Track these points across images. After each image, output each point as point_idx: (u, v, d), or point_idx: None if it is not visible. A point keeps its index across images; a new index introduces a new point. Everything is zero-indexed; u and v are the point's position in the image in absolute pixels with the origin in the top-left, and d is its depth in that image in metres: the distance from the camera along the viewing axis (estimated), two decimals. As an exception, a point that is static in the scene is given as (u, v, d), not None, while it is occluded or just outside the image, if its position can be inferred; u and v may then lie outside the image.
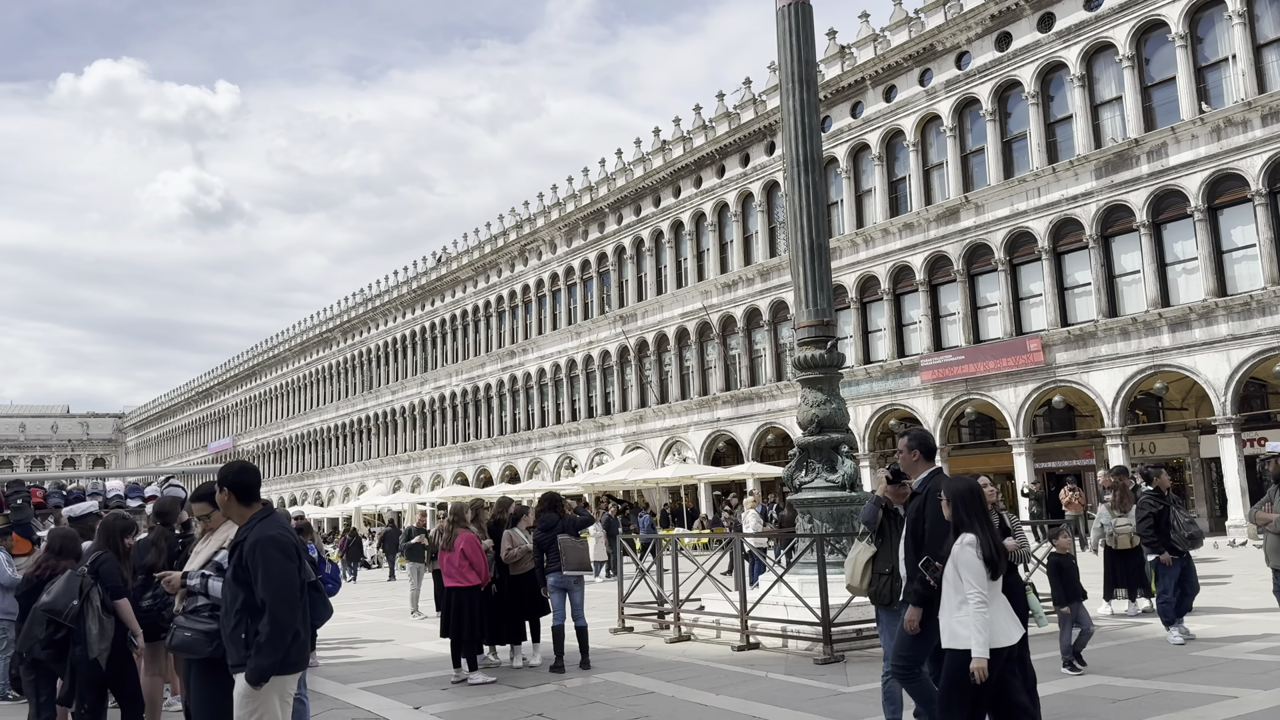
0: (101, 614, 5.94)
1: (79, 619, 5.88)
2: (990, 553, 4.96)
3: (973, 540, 4.99)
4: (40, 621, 6.09)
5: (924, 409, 30.45)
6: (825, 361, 11.94)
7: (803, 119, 12.35)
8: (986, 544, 4.97)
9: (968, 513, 5.07)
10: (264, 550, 4.48)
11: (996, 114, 28.97)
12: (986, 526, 5.07)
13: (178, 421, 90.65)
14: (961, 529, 5.06)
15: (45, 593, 6.19)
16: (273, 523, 4.66)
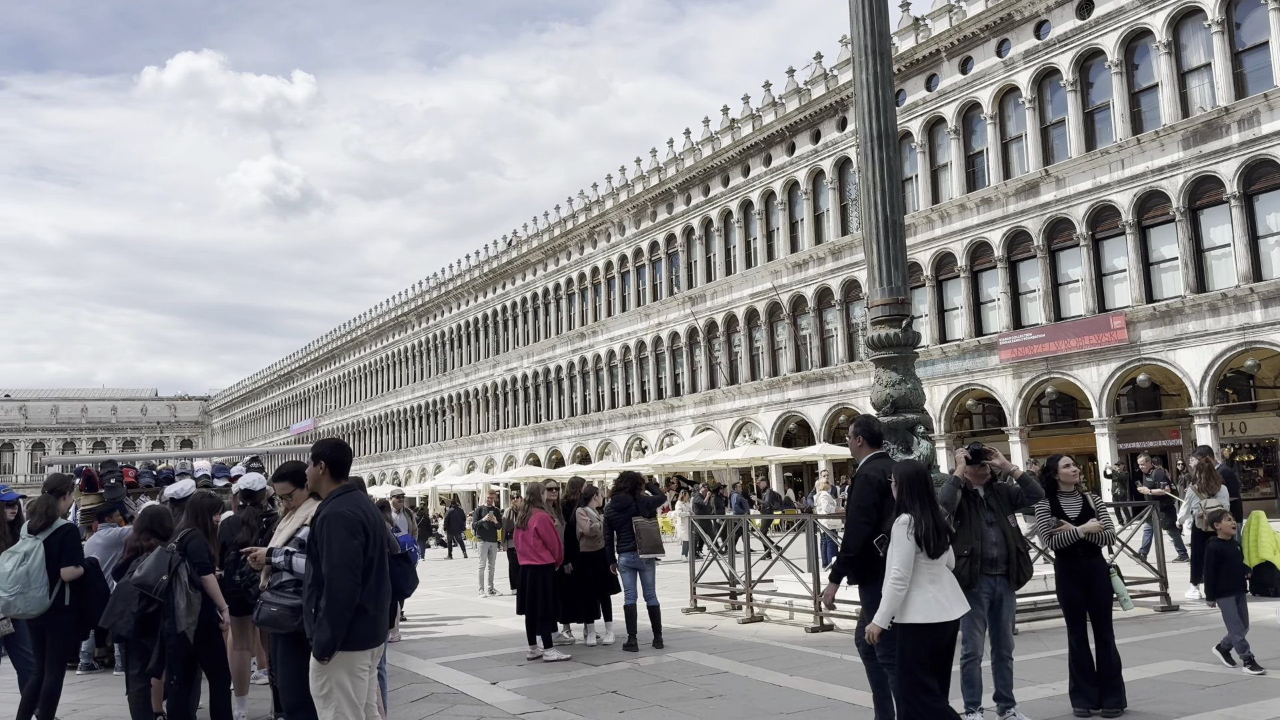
0: (189, 589, 6.13)
1: (168, 593, 6.09)
2: (925, 532, 5.21)
3: (906, 520, 5.26)
4: (131, 596, 6.31)
5: (1002, 389, 29.80)
6: (900, 341, 11.72)
7: (876, 93, 12.09)
8: (921, 524, 5.22)
9: (909, 495, 5.33)
10: (330, 526, 4.58)
11: (1078, 84, 28.04)
12: (927, 508, 5.29)
13: (261, 404, 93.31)
14: (902, 509, 5.32)
15: (137, 568, 6.42)
16: (346, 500, 4.73)
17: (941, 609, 5.24)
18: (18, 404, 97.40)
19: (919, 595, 5.24)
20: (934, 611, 5.22)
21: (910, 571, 5.24)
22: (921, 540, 5.24)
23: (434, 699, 7.98)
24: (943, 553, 5.31)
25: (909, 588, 5.23)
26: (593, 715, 7.24)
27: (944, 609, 5.25)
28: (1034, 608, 9.98)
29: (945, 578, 5.33)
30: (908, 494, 5.38)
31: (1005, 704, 6.37)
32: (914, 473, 5.47)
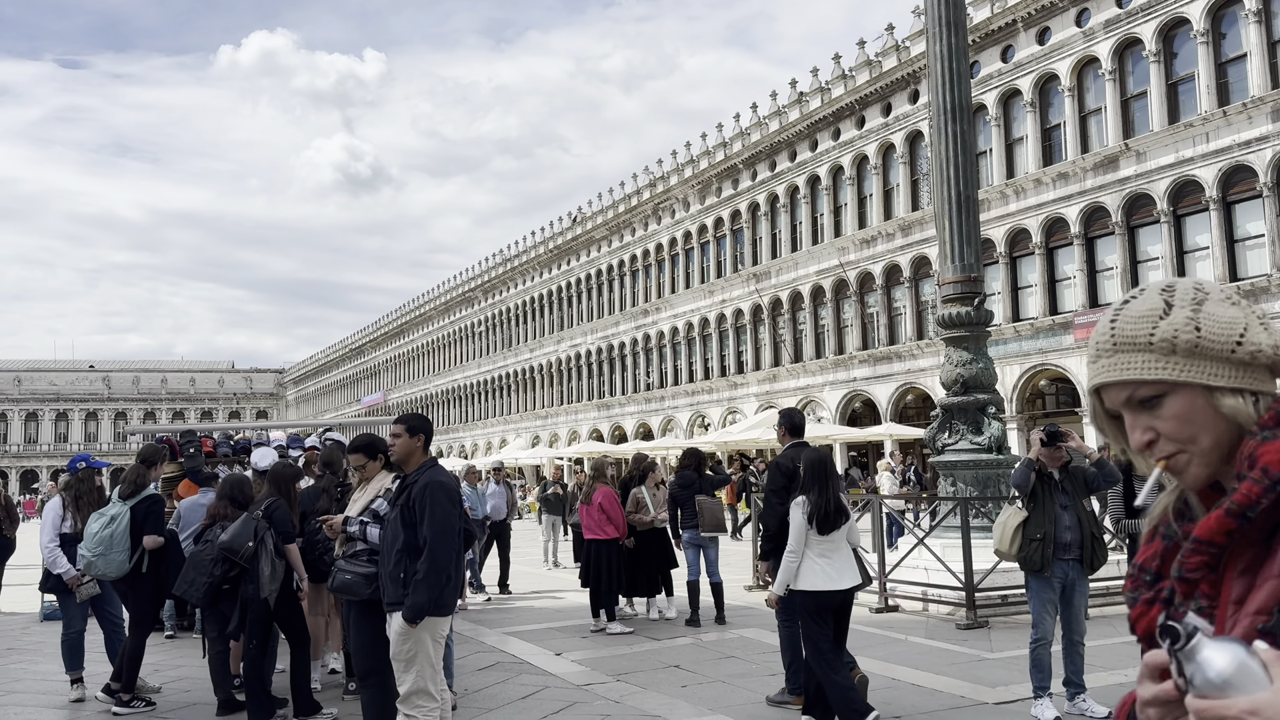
0: (274, 556, 6.31)
1: (253, 560, 6.27)
2: (820, 512, 5.84)
3: (801, 500, 5.91)
4: (204, 565, 6.50)
5: (1077, 369, 29.07)
6: (972, 319, 11.50)
7: (950, 64, 11.81)
8: (818, 504, 5.86)
9: (811, 478, 5.96)
10: (433, 493, 4.72)
11: (1161, 54, 27.02)
12: (825, 490, 5.91)
13: (333, 377, 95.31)
14: (802, 491, 5.95)
15: (222, 533, 6.62)
16: (440, 470, 4.94)
17: (830, 579, 5.85)
18: (101, 375, 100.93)
19: (810, 566, 5.86)
20: (822, 581, 5.84)
21: (802, 546, 5.87)
22: (812, 519, 5.84)
23: (500, 668, 8.11)
24: (833, 530, 5.88)
25: (803, 560, 5.86)
26: (655, 689, 7.28)
27: (832, 579, 5.86)
28: (1106, 592, 9.76)
29: (840, 552, 5.95)
30: (808, 477, 5.99)
31: (1075, 689, 6.27)
32: (815, 459, 6.09)
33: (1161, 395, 1.22)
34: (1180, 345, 1.20)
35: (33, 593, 11.39)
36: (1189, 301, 1.23)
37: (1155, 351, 1.21)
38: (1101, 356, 1.26)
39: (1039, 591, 6.28)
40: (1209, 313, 1.21)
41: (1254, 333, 1.21)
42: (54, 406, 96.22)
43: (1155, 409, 1.23)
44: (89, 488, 7.82)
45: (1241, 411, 1.20)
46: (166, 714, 6.85)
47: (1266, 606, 1.11)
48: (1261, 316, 1.25)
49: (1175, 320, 1.21)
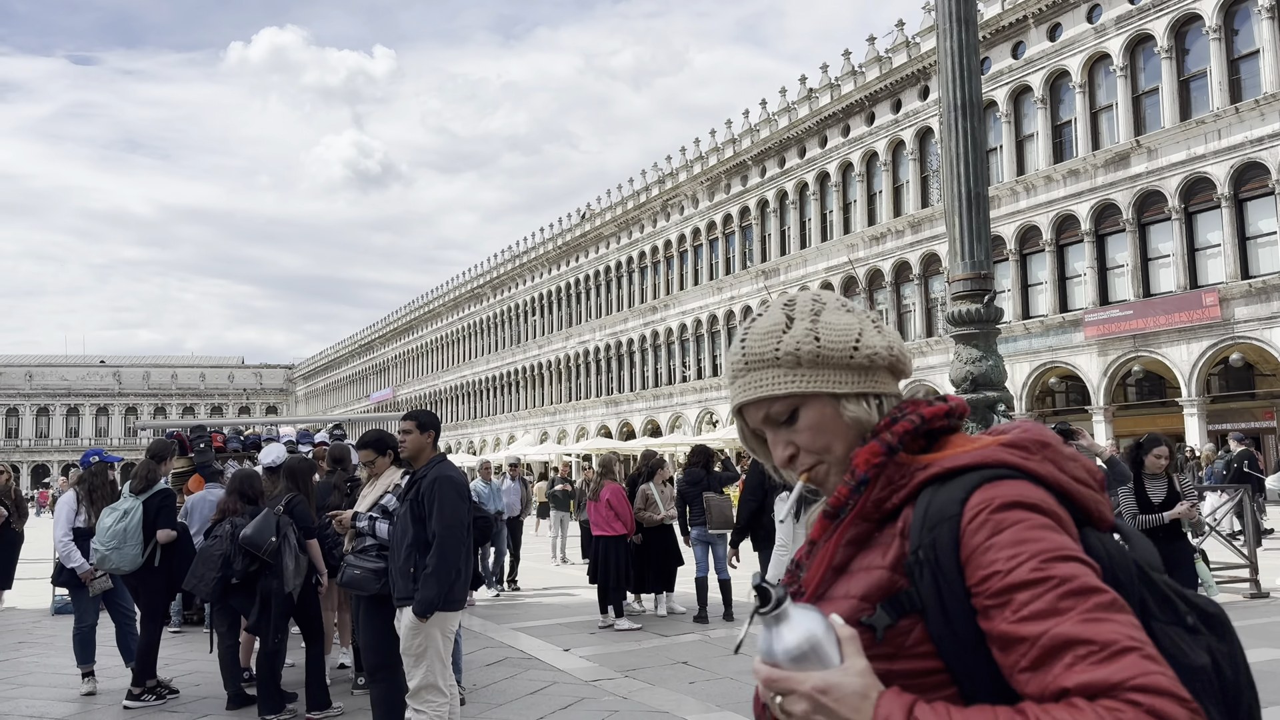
0: (297, 551, 6.34)
1: (276, 555, 6.29)
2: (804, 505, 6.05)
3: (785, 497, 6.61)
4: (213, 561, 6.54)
5: (1087, 366, 28.98)
6: (982, 316, 11.39)
7: (961, 60, 11.73)
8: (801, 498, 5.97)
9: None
10: (441, 487, 4.74)
11: (1173, 51, 26.89)
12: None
13: (342, 373, 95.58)
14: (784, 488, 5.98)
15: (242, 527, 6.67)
16: (449, 465, 4.95)
17: None
18: (112, 370, 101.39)
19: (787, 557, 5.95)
20: None
21: (791, 539, 6.04)
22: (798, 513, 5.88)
23: (508, 663, 8.13)
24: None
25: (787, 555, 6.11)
26: (664, 685, 7.29)
27: None
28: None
29: None
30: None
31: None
32: None
33: (796, 409, 1.24)
34: (804, 356, 1.23)
35: (44, 586, 11.47)
36: (808, 313, 1.25)
37: (783, 365, 1.23)
38: (737, 377, 1.28)
39: None
40: (826, 322, 1.24)
41: (868, 336, 1.25)
42: (65, 401, 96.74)
43: (792, 423, 1.25)
44: (102, 482, 7.89)
45: (862, 417, 1.24)
46: (177, 708, 6.88)
47: (871, 595, 1.13)
48: (875, 320, 1.28)
49: (796, 332, 1.23)
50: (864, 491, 1.19)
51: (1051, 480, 1.14)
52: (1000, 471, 1.13)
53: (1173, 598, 1.14)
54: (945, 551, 1.09)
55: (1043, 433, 1.20)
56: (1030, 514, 1.08)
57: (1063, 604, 0.99)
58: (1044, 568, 1.02)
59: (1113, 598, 1.01)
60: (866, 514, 1.19)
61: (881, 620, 1.11)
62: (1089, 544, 1.12)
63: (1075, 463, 1.20)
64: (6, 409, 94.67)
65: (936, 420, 1.23)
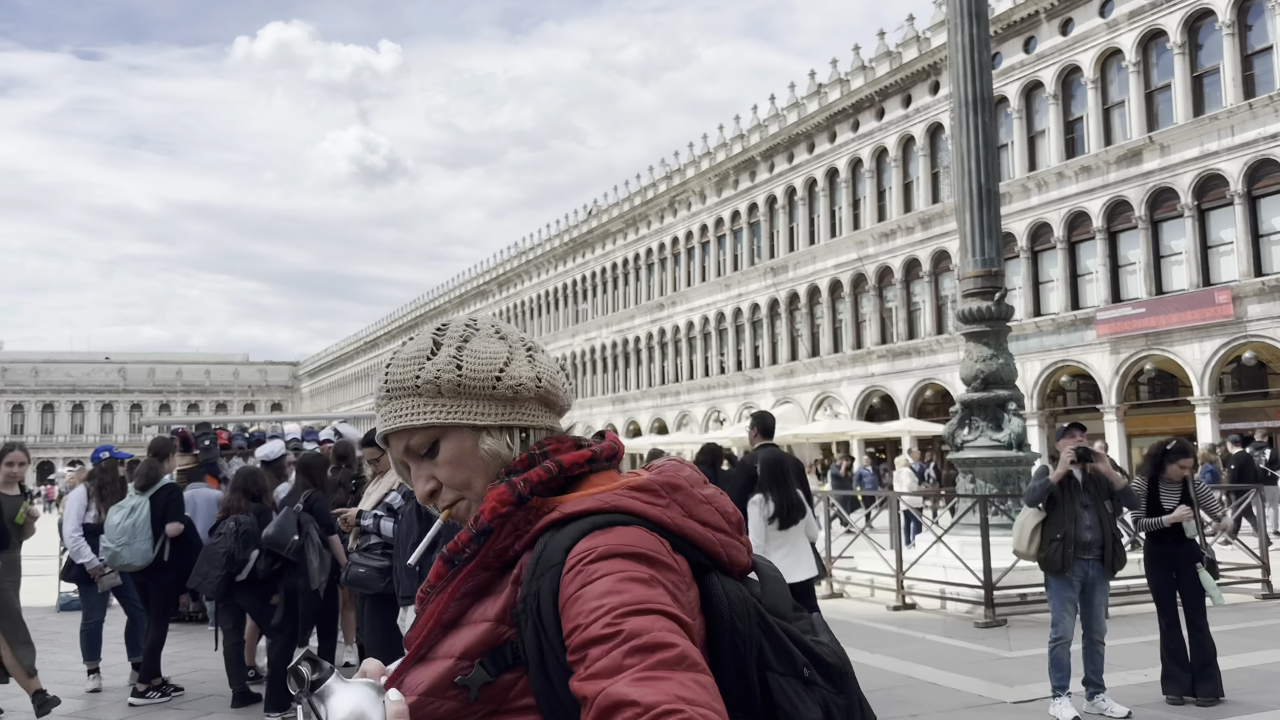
0: (320, 548, 6.29)
1: (300, 553, 6.23)
2: (777, 509, 6.32)
3: (758, 499, 6.37)
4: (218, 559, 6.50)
5: (1099, 365, 28.81)
6: (992, 314, 11.38)
7: (972, 55, 11.67)
8: (775, 502, 6.33)
9: (767, 479, 6.40)
10: None
11: (1186, 46, 26.68)
12: (780, 489, 6.34)
13: (348, 369, 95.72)
14: (759, 490, 6.40)
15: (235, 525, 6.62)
16: None
17: (785, 571, 6.36)
18: (117, 366, 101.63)
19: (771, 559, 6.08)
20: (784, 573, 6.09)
21: (762, 540, 6.29)
22: (772, 517, 6.31)
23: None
24: (791, 525, 6.37)
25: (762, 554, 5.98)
26: (670, 685, 7.22)
27: (787, 571, 6.15)
28: (1127, 591, 9.64)
29: (799, 546, 6.45)
30: (765, 477, 6.43)
31: (1095, 689, 6.18)
32: (772, 460, 6.55)
33: (437, 440, 1.17)
34: (445, 386, 1.15)
35: (49, 583, 11.45)
36: (456, 339, 1.18)
37: (423, 394, 1.16)
38: (381, 405, 1.20)
39: (1059, 591, 6.19)
40: (472, 349, 1.17)
41: (516, 366, 1.17)
42: (70, 398, 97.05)
43: (433, 455, 1.18)
44: (112, 478, 7.89)
45: (500, 451, 1.16)
46: (182, 706, 6.84)
47: (472, 651, 1.06)
48: (532, 349, 1.21)
49: (439, 360, 1.16)
50: (485, 541, 1.11)
51: (673, 527, 1.08)
52: (615, 518, 1.06)
53: (791, 648, 1.08)
54: (546, 601, 1.03)
55: (677, 475, 1.14)
56: (628, 563, 1.01)
57: (626, 661, 0.93)
58: (617, 622, 0.96)
59: (679, 654, 0.94)
60: (488, 563, 1.12)
61: (479, 679, 1.04)
62: (712, 591, 1.07)
63: (708, 506, 1.14)
64: (12, 405, 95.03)
65: (576, 469, 1.15)
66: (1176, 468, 6.60)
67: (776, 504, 6.33)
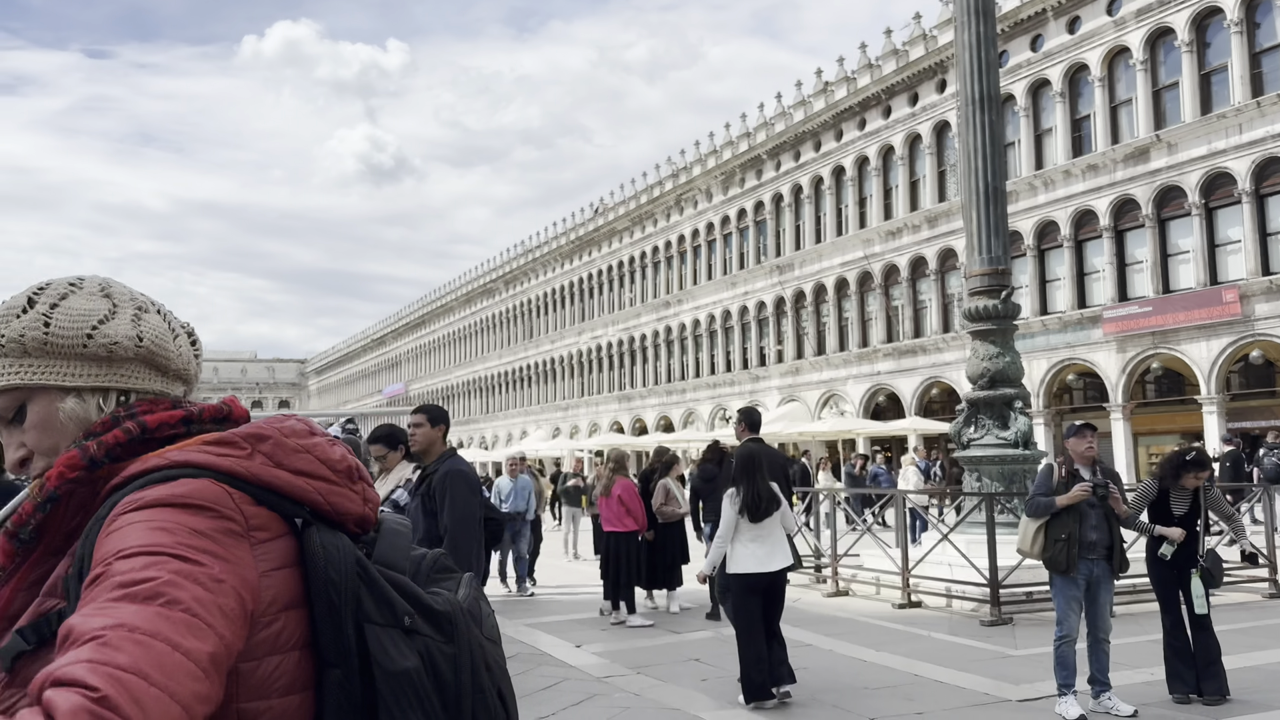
0: None
1: None
2: (748, 502, 6.49)
3: (731, 493, 6.59)
4: None
5: (1105, 363, 28.75)
6: (999, 312, 11.36)
7: (979, 53, 11.66)
8: (746, 495, 6.50)
9: (739, 473, 6.64)
10: (452, 481, 4.75)
11: (1194, 44, 26.60)
12: (751, 483, 6.53)
13: (355, 367, 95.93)
14: (733, 484, 6.64)
15: None
16: (460, 460, 4.96)
17: (760, 562, 6.45)
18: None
19: (743, 551, 6.47)
20: (752, 564, 6.44)
21: (731, 532, 6.51)
22: (743, 510, 6.48)
23: (519, 659, 8.09)
24: (764, 519, 6.47)
25: (737, 545, 6.48)
26: (675, 681, 7.24)
27: (762, 562, 6.45)
28: (1133, 590, 9.62)
29: (773, 537, 6.55)
30: (738, 472, 6.67)
31: (1100, 687, 6.18)
32: (745, 455, 6.78)
33: (24, 404, 1.10)
34: (30, 344, 1.09)
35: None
36: (53, 296, 1.11)
37: (8, 354, 1.09)
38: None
39: (1064, 589, 6.19)
40: (68, 306, 1.10)
41: (114, 325, 1.10)
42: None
43: (23, 420, 1.11)
44: None
45: (81, 415, 1.09)
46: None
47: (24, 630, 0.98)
48: (143, 309, 1.14)
49: (28, 318, 1.09)
50: (50, 510, 1.03)
51: (250, 476, 1.02)
52: (179, 471, 1.00)
53: (394, 598, 1.04)
54: (88, 559, 0.96)
55: (267, 426, 1.09)
56: (165, 512, 0.95)
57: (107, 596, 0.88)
58: (114, 564, 0.91)
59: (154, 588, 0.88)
60: (55, 547, 1.04)
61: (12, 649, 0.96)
62: (307, 544, 1.03)
63: (306, 455, 1.09)
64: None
65: (166, 429, 1.08)
66: (1192, 478, 6.60)
67: (745, 497, 6.50)
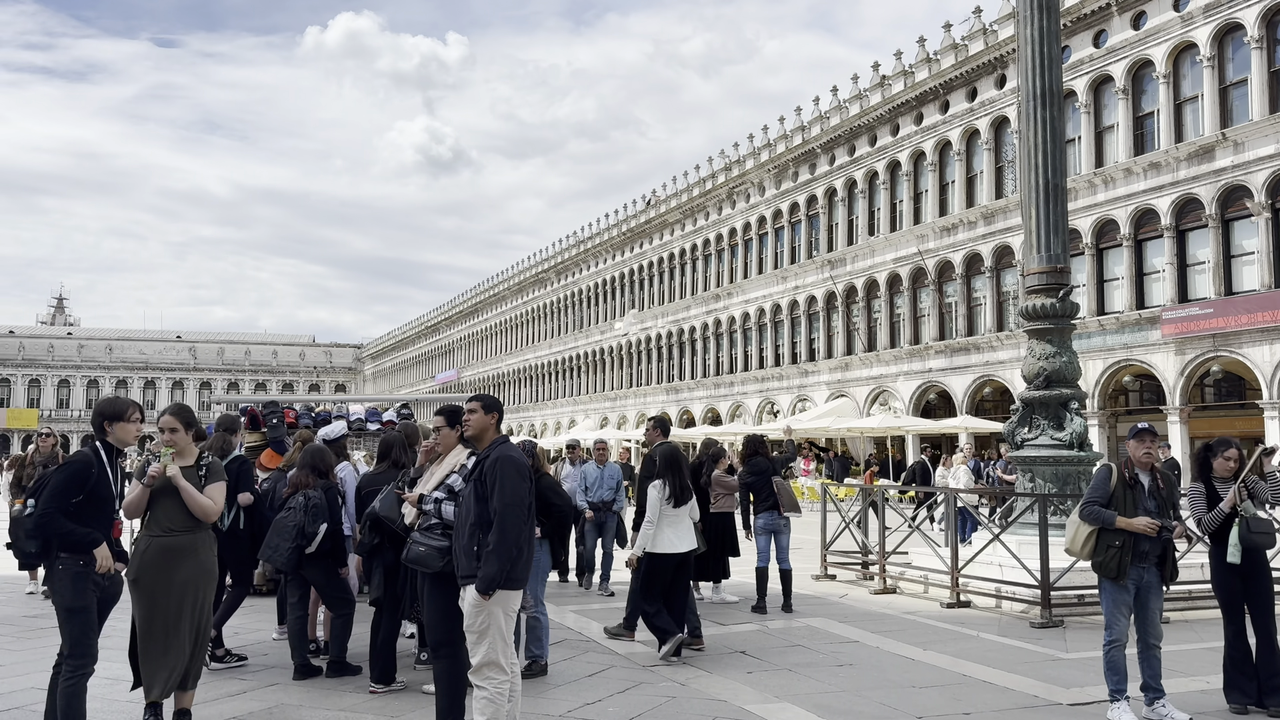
0: None
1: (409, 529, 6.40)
2: (671, 491, 7.78)
3: (658, 484, 7.80)
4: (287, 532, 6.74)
5: (1163, 365, 28.15)
6: (1057, 311, 11.21)
7: (1041, 48, 11.48)
8: (672, 485, 7.79)
9: (663, 467, 7.89)
10: (503, 467, 4.84)
11: (1264, 40, 25.86)
12: (675, 475, 7.85)
13: (409, 353, 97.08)
14: (658, 476, 7.84)
15: (298, 498, 6.88)
16: (511, 446, 5.03)
17: (672, 544, 7.78)
18: (188, 345, 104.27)
19: (661, 534, 7.75)
20: (666, 545, 7.75)
21: (657, 518, 7.73)
22: (670, 497, 7.76)
23: (566, 645, 8.20)
24: (682, 505, 7.81)
25: (657, 529, 7.73)
26: (721, 673, 7.29)
27: (674, 544, 7.78)
28: (1188, 596, 9.47)
29: (683, 523, 7.88)
30: (663, 466, 7.88)
31: (1154, 694, 6.09)
32: (668, 452, 8.04)
33: None
34: None
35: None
36: None
37: None
38: None
39: (1113, 594, 6.10)
40: None
41: None
42: (143, 375, 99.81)
43: None
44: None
45: None
46: (245, 676, 7.08)
47: None
48: None
49: None
50: None
51: None
52: None
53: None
54: None
55: None
56: None
57: None
58: None
59: None
60: None
61: None
62: None
63: None
64: (88, 380, 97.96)
65: None
66: (1222, 460, 6.47)
67: (671, 487, 7.78)
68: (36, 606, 10.17)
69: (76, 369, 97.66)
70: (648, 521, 7.71)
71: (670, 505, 7.74)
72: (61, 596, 4.74)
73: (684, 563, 7.86)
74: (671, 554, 7.75)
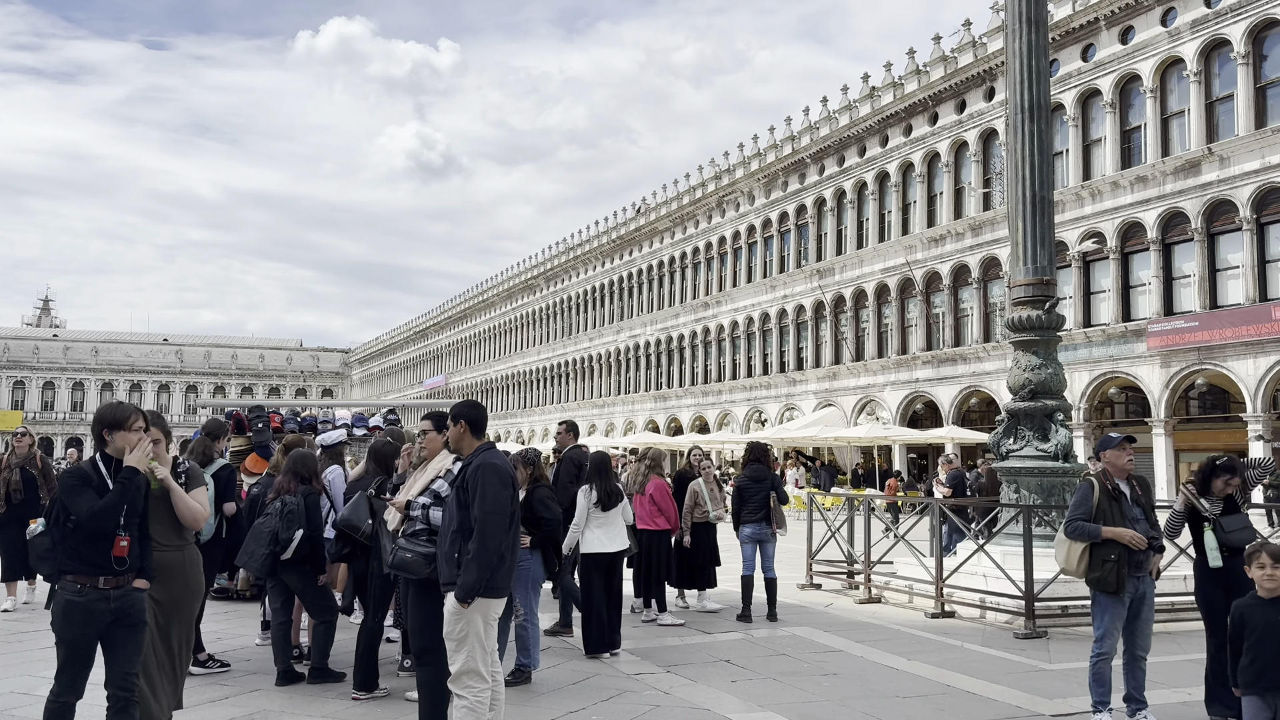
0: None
1: (374, 538, 6.38)
2: (599, 495, 8.19)
3: (587, 489, 8.22)
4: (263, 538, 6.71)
5: (1148, 377, 28.31)
6: (1043, 323, 11.26)
7: (1030, 62, 11.57)
8: (599, 490, 8.19)
9: (592, 472, 8.31)
10: (484, 475, 4.81)
11: (1250, 56, 26.09)
12: (604, 480, 8.28)
13: (397, 358, 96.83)
14: (587, 481, 8.27)
15: (276, 504, 6.84)
16: (495, 453, 5.00)
17: (603, 544, 8.20)
18: (175, 348, 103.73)
19: (592, 535, 8.19)
20: (598, 545, 8.18)
21: (584, 521, 8.16)
22: (598, 501, 8.15)
23: (551, 653, 8.18)
24: (611, 509, 8.22)
25: (587, 530, 8.17)
26: (705, 681, 7.28)
27: (605, 544, 8.20)
28: (1171, 608, 9.50)
29: (615, 524, 8.28)
30: (592, 471, 8.30)
31: (1136, 705, 6.11)
32: (599, 458, 8.48)
33: None
34: None
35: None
36: None
37: None
38: None
39: (1110, 607, 6.05)
40: None
41: None
42: (129, 377, 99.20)
43: None
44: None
45: None
46: (228, 682, 7.03)
47: None
48: None
49: None
50: None
51: None
52: None
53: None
54: None
55: None
56: None
57: None
58: None
59: None
60: None
61: None
62: None
63: None
64: (73, 383, 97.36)
65: None
66: (1221, 483, 6.51)
67: (599, 492, 8.15)
68: (19, 613, 10.08)
69: (62, 371, 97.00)
70: (574, 525, 8.14)
71: (599, 509, 8.14)
72: (53, 621, 4.53)
73: (614, 562, 8.28)
74: (601, 554, 8.15)
